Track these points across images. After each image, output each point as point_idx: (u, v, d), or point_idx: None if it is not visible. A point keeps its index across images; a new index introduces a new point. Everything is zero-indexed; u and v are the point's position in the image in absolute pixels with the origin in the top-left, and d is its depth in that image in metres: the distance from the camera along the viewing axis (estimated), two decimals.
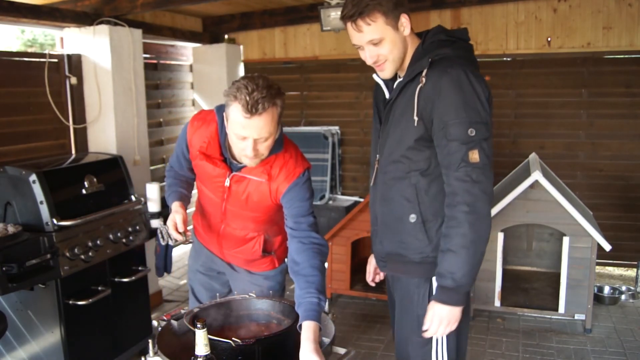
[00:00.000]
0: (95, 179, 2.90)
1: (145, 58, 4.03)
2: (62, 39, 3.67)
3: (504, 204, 3.51)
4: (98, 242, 2.80)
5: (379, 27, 1.62)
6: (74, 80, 3.53)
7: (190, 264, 2.32)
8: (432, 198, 1.69)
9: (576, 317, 3.64)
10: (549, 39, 4.56)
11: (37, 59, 3.38)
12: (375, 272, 2.04)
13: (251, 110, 1.63)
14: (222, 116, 1.84)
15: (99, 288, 2.86)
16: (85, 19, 3.52)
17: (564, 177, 4.38)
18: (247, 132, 1.69)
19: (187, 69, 5.14)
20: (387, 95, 1.81)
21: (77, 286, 2.74)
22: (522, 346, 3.41)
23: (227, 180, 1.91)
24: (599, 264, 4.18)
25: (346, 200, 5.11)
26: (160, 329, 1.75)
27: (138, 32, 3.79)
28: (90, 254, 2.75)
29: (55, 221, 2.59)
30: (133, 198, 3.10)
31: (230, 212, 2.00)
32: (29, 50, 8.53)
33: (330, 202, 5.05)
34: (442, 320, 1.64)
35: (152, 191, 2.92)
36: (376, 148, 1.84)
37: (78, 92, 3.59)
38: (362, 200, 4.82)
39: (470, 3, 4.60)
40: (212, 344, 1.44)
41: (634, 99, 4.47)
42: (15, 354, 2.80)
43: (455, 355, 1.77)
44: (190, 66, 5.18)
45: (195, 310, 1.78)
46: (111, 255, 2.91)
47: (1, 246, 2.35)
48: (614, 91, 4.51)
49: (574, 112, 4.65)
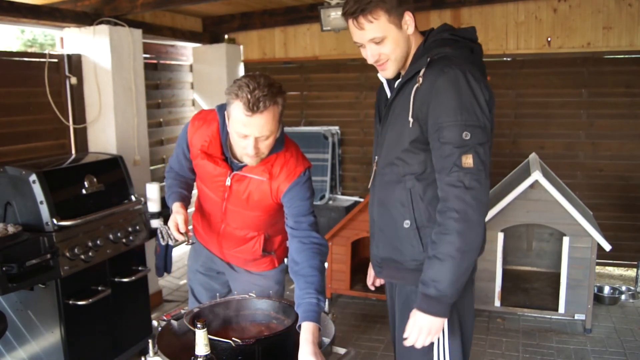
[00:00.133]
0: (95, 179, 2.90)
1: (145, 58, 4.03)
2: (62, 39, 3.67)
3: (504, 204, 3.51)
4: (98, 242, 2.80)
5: (381, 25, 1.57)
6: (74, 80, 3.53)
7: (190, 264, 2.32)
8: (427, 203, 1.62)
9: (576, 317, 3.64)
10: (549, 39, 4.56)
11: (37, 59, 3.38)
12: (375, 276, 1.99)
13: (252, 108, 1.64)
14: (223, 115, 1.85)
15: (99, 288, 2.86)
16: (85, 19, 3.53)
17: (564, 177, 4.38)
18: (248, 130, 1.69)
19: (187, 69, 5.14)
20: (388, 95, 1.76)
21: (77, 286, 2.74)
22: (522, 346, 3.41)
23: (228, 179, 1.91)
24: (599, 264, 4.19)
25: (346, 200, 5.11)
26: (160, 329, 1.75)
27: (138, 32, 3.79)
28: (90, 254, 2.75)
29: (55, 221, 2.59)
30: (133, 198, 3.10)
31: (230, 212, 2.00)
32: (29, 50, 8.53)
33: (330, 202, 5.05)
34: (421, 329, 1.56)
35: (152, 191, 2.92)
36: (376, 149, 1.80)
37: (78, 92, 3.59)
38: (362, 200, 4.82)
39: (470, 3, 4.60)
40: (212, 344, 1.44)
41: (634, 99, 4.47)
42: (15, 354, 2.80)
43: None
44: (190, 66, 5.18)
45: (195, 310, 1.78)
46: (111, 255, 2.91)
47: (1, 246, 2.35)
48: (614, 91, 4.51)
49: (574, 112, 4.65)
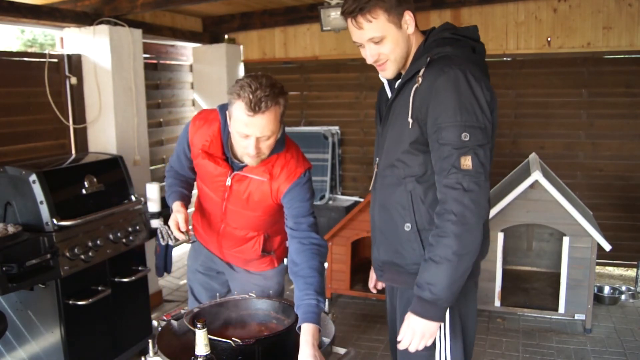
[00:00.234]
0: (95, 179, 2.90)
1: (145, 58, 4.03)
2: (62, 39, 3.67)
3: (504, 204, 3.51)
4: (98, 242, 2.80)
5: (380, 24, 1.54)
6: (74, 80, 3.53)
7: (190, 264, 2.32)
8: (428, 206, 1.59)
9: (576, 317, 3.64)
10: (549, 39, 4.56)
11: (37, 59, 3.38)
12: (377, 280, 1.97)
13: (254, 108, 1.64)
14: (225, 115, 1.85)
15: (99, 288, 2.86)
16: (85, 19, 3.52)
17: (564, 177, 4.38)
18: (249, 130, 1.69)
19: (187, 69, 5.14)
20: (389, 96, 1.73)
21: (77, 286, 2.74)
22: (522, 346, 3.41)
23: (229, 179, 1.91)
24: (599, 264, 4.19)
25: (346, 200, 5.11)
26: (160, 329, 1.75)
27: (138, 32, 3.79)
28: (90, 254, 2.75)
29: (55, 221, 2.59)
30: (133, 198, 3.10)
31: (230, 212, 2.00)
32: (29, 50, 8.53)
33: (330, 202, 5.05)
34: (415, 333, 1.53)
35: (152, 191, 2.92)
36: (377, 151, 1.77)
37: (78, 92, 3.59)
38: (362, 200, 4.82)
39: (470, 3, 4.60)
40: (212, 344, 1.44)
41: (634, 99, 4.47)
42: (15, 354, 2.80)
43: None
44: (190, 66, 5.18)
45: (195, 310, 1.78)
46: (111, 255, 2.91)
47: (1, 246, 2.35)
48: (614, 91, 4.51)
49: (574, 112, 4.65)
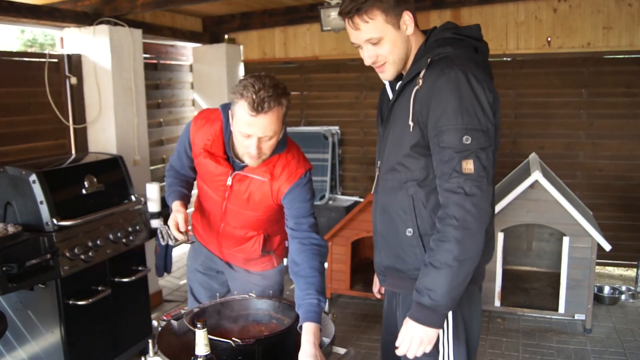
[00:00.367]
0: (95, 179, 2.90)
1: (145, 58, 4.03)
2: (62, 39, 3.67)
3: (504, 204, 3.51)
4: (98, 242, 2.80)
5: (377, 25, 1.51)
6: (74, 80, 3.53)
7: (189, 264, 2.32)
8: (430, 211, 1.56)
9: (576, 317, 3.64)
10: (549, 39, 4.56)
11: (37, 59, 3.38)
12: (379, 284, 1.93)
13: (257, 108, 1.65)
14: (227, 114, 1.86)
15: (99, 288, 2.86)
16: (85, 19, 3.52)
17: (564, 177, 4.38)
18: (252, 130, 1.70)
19: (187, 69, 5.14)
20: (390, 97, 1.69)
21: (77, 286, 2.74)
22: (522, 346, 3.41)
23: (229, 179, 1.91)
24: (599, 264, 4.19)
25: (346, 200, 5.11)
26: (160, 329, 1.75)
27: (138, 32, 3.78)
28: (90, 254, 2.75)
29: (55, 221, 2.59)
30: (133, 198, 3.10)
31: (230, 211, 2.00)
32: (29, 50, 8.53)
33: (330, 202, 5.05)
34: (413, 339, 1.49)
35: (152, 191, 2.92)
36: (378, 153, 1.74)
37: (78, 92, 3.58)
38: (362, 200, 4.82)
39: (470, 3, 4.60)
40: (212, 344, 1.44)
41: (634, 99, 4.47)
42: (15, 354, 2.80)
43: None
44: (190, 66, 5.18)
45: (196, 310, 1.78)
46: (111, 255, 2.91)
47: (1, 246, 2.35)
48: (614, 91, 4.51)
49: (574, 112, 4.65)
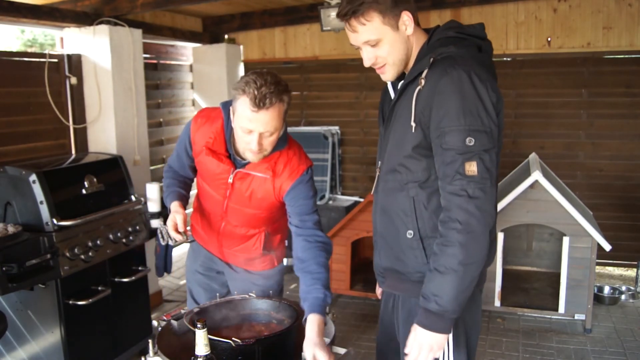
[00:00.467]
0: (95, 179, 2.90)
1: (145, 58, 4.03)
2: (62, 39, 3.67)
3: (504, 204, 3.51)
4: (98, 242, 2.80)
5: (375, 27, 1.49)
6: (74, 80, 3.53)
7: (189, 265, 2.31)
8: (431, 212, 1.53)
9: (576, 317, 3.64)
10: (549, 39, 4.55)
11: (37, 59, 3.38)
12: (378, 285, 1.90)
13: (259, 104, 1.67)
14: (227, 112, 1.87)
15: (99, 288, 2.86)
16: (85, 19, 3.52)
17: (564, 177, 4.38)
18: (253, 125, 1.72)
19: (187, 69, 5.14)
20: (392, 97, 1.66)
21: (77, 286, 2.73)
22: (522, 346, 3.41)
23: (231, 177, 1.92)
24: (599, 264, 4.19)
25: (346, 200, 5.11)
26: (160, 329, 1.75)
27: (138, 32, 3.78)
28: (90, 254, 2.75)
29: (55, 221, 2.59)
30: (133, 198, 3.10)
31: (231, 210, 2.00)
32: (29, 50, 8.53)
33: (330, 202, 5.05)
34: (422, 346, 1.47)
35: (152, 191, 2.92)
36: (379, 153, 1.71)
37: (78, 92, 3.58)
38: (362, 200, 4.82)
39: (470, 3, 4.60)
40: (212, 344, 1.44)
41: (634, 99, 4.47)
42: (15, 354, 2.80)
43: None
44: (190, 66, 5.18)
45: (196, 310, 1.78)
46: (111, 255, 2.91)
47: (1, 246, 2.35)
48: (614, 91, 4.51)
49: (574, 112, 4.65)
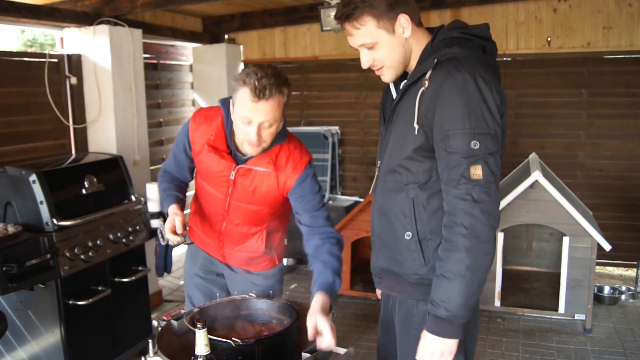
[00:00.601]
0: (95, 179, 2.90)
1: (145, 58, 4.03)
2: (62, 39, 3.67)
3: (504, 204, 3.51)
4: (98, 242, 2.80)
5: (369, 31, 1.48)
6: (74, 80, 3.53)
7: (187, 269, 2.28)
8: (430, 214, 1.52)
9: (576, 317, 3.64)
10: (549, 39, 4.55)
11: (37, 59, 3.38)
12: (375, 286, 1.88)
13: (259, 94, 1.69)
14: (227, 108, 1.89)
15: (99, 288, 2.86)
16: (85, 19, 3.52)
17: (564, 177, 4.38)
18: (253, 115, 1.74)
19: (187, 69, 5.14)
20: (394, 96, 1.65)
21: (77, 286, 2.74)
22: (522, 346, 3.41)
23: (232, 173, 1.92)
24: (599, 264, 4.19)
25: (346, 200, 5.11)
26: (160, 329, 1.75)
27: (138, 32, 3.78)
28: (90, 254, 2.75)
29: (55, 221, 2.59)
30: (133, 198, 3.10)
31: (233, 208, 2.00)
32: (29, 50, 8.54)
33: (330, 202, 5.05)
34: (433, 353, 1.46)
35: (152, 191, 2.91)
36: (379, 153, 1.70)
37: (78, 92, 3.59)
38: (362, 200, 4.82)
39: (470, 3, 4.60)
40: (212, 344, 1.44)
41: (634, 99, 4.47)
42: (15, 354, 2.80)
43: None
44: (190, 66, 5.17)
45: (196, 310, 1.78)
46: (111, 255, 2.91)
47: (1, 246, 2.35)
48: (614, 91, 4.51)
49: (574, 112, 4.65)
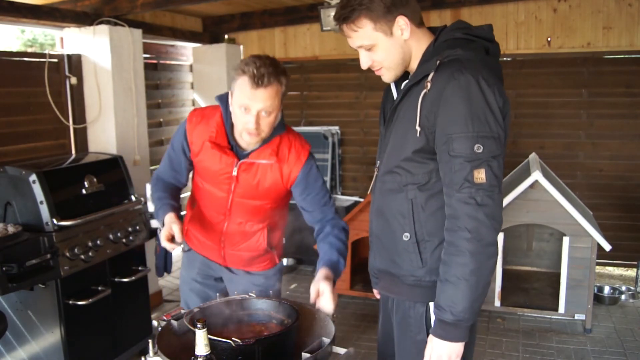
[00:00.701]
0: (95, 179, 2.90)
1: (145, 58, 4.03)
2: (62, 39, 3.67)
3: (504, 204, 3.50)
4: (98, 242, 2.80)
5: (366, 33, 1.48)
6: (74, 80, 3.53)
7: (184, 275, 2.25)
8: (429, 215, 1.52)
9: (576, 317, 3.64)
10: (549, 39, 4.55)
11: (37, 59, 3.39)
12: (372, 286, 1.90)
13: (258, 82, 1.73)
14: (225, 103, 1.91)
15: (99, 288, 2.86)
16: (85, 19, 3.53)
17: (564, 177, 4.38)
18: (252, 103, 1.76)
19: (187, 69, 5.14)
20: (395, 96, 1.64)
21: (77, 286, 2.74)
22: (522, 346, 3.41)
23: (235, 169, 1.92)
24: (599, 264, 4.19)
25: (346, 200, 5.11)
26: (160, 329, 1.75)
27: (138, 32, 3.79)
28: (90, 254, 2.75)
29: (55, 221, 2.59)
30: (133, 198, 3.10)
31: (236, 205, 2.00)
32: (29, 50, 8.54)
33: None
34: (440, 357, 1.46)
35: None
36: (379, 153, 1.69)
37: (78, 92, 3.59)
38: (362, 200, 4.82)
39: (470, 3, 4.60)
40: (212, 344, 1.44)
41: (634, 99, 4.47)
42: (15, 354, 2.80)
43: None
44: (190, 66, 5.18)
45: (195, 310, 1.78)
46: (111, 255, 2.91)
47: (1, 246, 2.35)
48: (614, 91, 4.51)
49: (574, 112, 4.65)
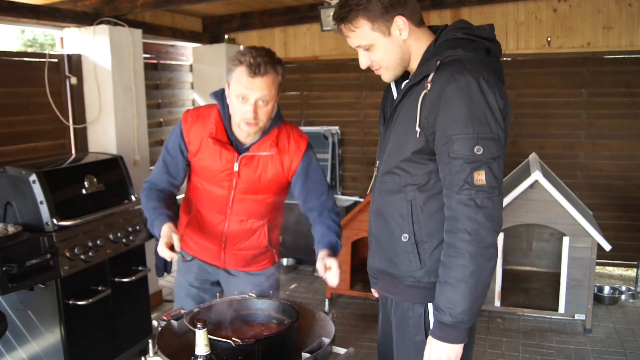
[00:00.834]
0: (95, 179, 2.90)
1: (145, 58, 4.03)
2: (62, 39, 3.67)
3: (504, 204, 3.51)
4: (98, 242, 2.80)
5: (364, 33, 1.48)
6: (74, 80, 3.53)
7: (180, 281, 2.22)
8: (428, 216, 1.51)
9: (576, 317, 3.64)
10: (549, 39, 4.56)
11: (37, 59, 3.38)
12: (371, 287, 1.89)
13: (255, 71, 1.76)
14: (221, 99, 1.93)
15: (99, 288, 2.86)
16: (85, 19, 3.53)
17: (564, 177, 4.38)
18: (249, 91, 1.79)
19: (187, 69, 5.14)
20: (395, 96, 1.63)
21: (77, 286, 2.74)
22: (522, 346, 3.41)
23: (236, 164, 1.93)
24: (599, 264, 4.19)
25: (346, 200, 5.11)
26: (160, 329, 1.75)
27: (138, 32, 3.79)
28: (90, 254, 2.75)
29: (55, 221, 2.59)
30: (133, 198, 3.10)
31: (238, 201, 2.00)
32: (29, 50, 8.54)
33: None
34: (439, 359, 1.46)
35: None
36: (379, 153, 1.68)
37: (78, 92, 3.59)
38: (362, 200, 4.82)
39: (470, 3, 4.60)
40: (212, 344, 1.44)
41: (634, 99, 4.47)
42: (15, 354, 2.80)
43: None
44: (190, 66, 5.18)
45: (195, 310, 1.78)
46: (111, 255, 2.91)
47: (1, 246, 2.35)
48: (614, 91, 4.51)
49: (574, 112, 4.65)
